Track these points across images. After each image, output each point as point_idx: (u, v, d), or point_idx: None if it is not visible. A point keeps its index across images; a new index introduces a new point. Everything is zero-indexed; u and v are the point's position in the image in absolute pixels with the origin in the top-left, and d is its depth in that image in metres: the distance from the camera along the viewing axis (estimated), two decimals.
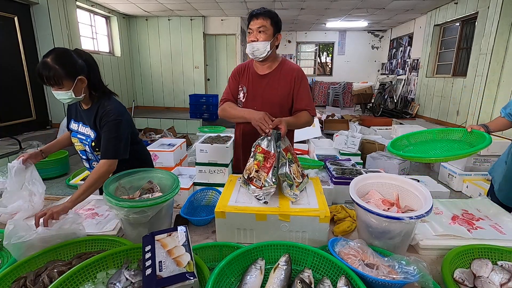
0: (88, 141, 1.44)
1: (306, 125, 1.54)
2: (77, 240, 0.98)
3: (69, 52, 1.31)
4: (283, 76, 1.53)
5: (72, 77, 1.28)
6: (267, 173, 1.10)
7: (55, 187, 3.65)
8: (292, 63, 1.60)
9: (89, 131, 1.44)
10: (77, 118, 1.50)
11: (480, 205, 1.28)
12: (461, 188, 3.64)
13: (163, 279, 0.68)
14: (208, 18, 7.70)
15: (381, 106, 7.77)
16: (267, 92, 1.53)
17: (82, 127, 1.47)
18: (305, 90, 1.54)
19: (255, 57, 1.48)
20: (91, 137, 1.43)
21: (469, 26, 5.76)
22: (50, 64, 1.23)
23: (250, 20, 1.46)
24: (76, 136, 1.49)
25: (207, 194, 1.44)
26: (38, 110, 5.00)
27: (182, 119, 6.86)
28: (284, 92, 1.52)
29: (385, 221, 0.88)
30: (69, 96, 1.30)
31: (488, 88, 4.66)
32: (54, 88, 1.28)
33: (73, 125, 1.51)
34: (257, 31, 1.43)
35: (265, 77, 1.54)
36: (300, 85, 1.52)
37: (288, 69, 1.54)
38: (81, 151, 1.52)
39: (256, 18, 1.43)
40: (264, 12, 1.44)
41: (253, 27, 1.44)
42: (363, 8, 6.61)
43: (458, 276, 0.85)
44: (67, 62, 1.27)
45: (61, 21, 5.22)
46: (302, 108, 1.52)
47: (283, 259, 0.82)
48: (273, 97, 1.53)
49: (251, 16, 1.45)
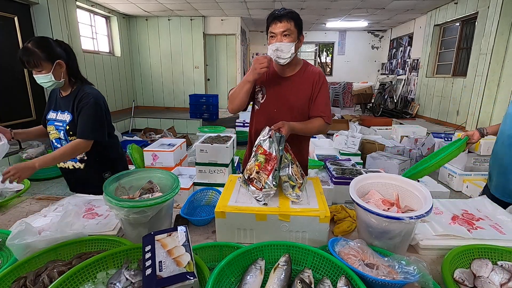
0: (64, 126, 1.49)
1: (318, 132, 1.49)
2: (77, 240, 0.97)
3: (48, 38, 1.42)
4: (305, 79, 1.46)
5: (51, 60, 1.38)
6: (268, 175, 1.10)
7: (55, 187, 3.65)
8: (314, 66, 1.54)
9: (66, 115, 1.50)
10: (56, 107, 1.57)
11: (480, 205, 1.28)
12: (461, 188, 3.64)
13: (163, 279, 0.68)
14: (208, 18, 7.70)
15: (381, 106, 7.77)
16: (289, 95, 1.46)
17: (60, 115, 1.54)
18: (324, 95, 1.47)
19: (278, 60, 1.37)
20: (67, 121, 1.49)
21: (469, 26, 5.77)
22: (30, 48, 1.34)
23: (271, 22, 1.35)
24: (52, 124, 1.55)
25: (207, 194, 1.43)
26: (38, 110, 5.00)
27: (182, 119, 6.86)
28: (306, 95, 1.46)
29: (385, 221, 0.88)
30: (49, 79, 1.40)
31: (488, 88, 4.67)
32: (35, 72, 1.38)
33: (51, 114, 1.57)
34: (282, 35, 1.33)
35: (288, 80, 1.47)
36: (319, 90, 1.46)
37: (311, 72, 1.47)
38: (56, 139, 1.55)
39: (280, 21, 1.32)
40: (287, 13, 1.34)
41: (277, 31, 1.33)
42: (363, 8, 6.61)
43: (458, 276, 0.85)
44: (45, 46, 1.38)
45: (61, 21, 5.22)
46: (317, 115, 1.46)
47: (283, 259, 0.82)
48: (295, 101, 1.46)
49: (273, 18, 1.34)
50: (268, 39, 1.40)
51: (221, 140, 2.89)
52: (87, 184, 1.64)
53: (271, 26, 1.36)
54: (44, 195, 1.54)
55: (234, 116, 6.92)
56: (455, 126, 5.68)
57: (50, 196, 1.54)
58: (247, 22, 8.50)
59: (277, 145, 1.16)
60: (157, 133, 5.70)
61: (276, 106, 1.48)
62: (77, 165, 1.61)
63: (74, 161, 1.60)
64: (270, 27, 1.37)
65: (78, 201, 1.34)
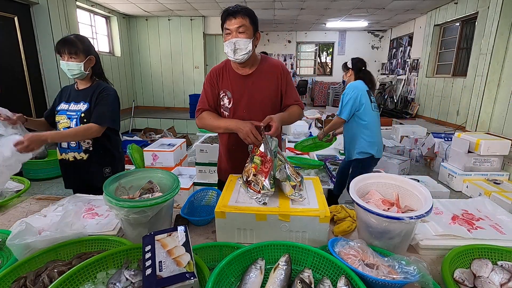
0: (78, 114, 1.59)
1: (298, 118, 1.50)
2: (77, 240, 0.97)
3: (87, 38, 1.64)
4: (267, 73, 1.45)
5: (86, 53, 1.56)
6: (265, 177, 1.10)
7: (55, 187, 3.65)
8: (272, 59, 1.53)
9: (81, 105, 1.61)
10: (68, 99, 1.65)
11: (480, 205, 1.28)
12: (461, 188, 3.64)
13: (163, 279, 0.68)
14: (208, 18, 7.69)
15: (381, 106, 7.77)
16: (254, 92, 1.44)
17: (73, 105, 1.62)
18: (291, 84, 1.50)
19: (236, 57, 1.34)
20: (82, 109, 1.59)
21: (469, 26, 5.76)
22: (72, 38, 1.55)
23: (225, 19, 1.33)
24: (64, 114, 1.61)
25: (207, 194, 1.43)
26: (38, 110, 4.99)
27: (182, 119, 6.86)
28: (272, 89, 1.46)
29: (385, 221, 0.88)
30: (79, 68, 1.55)
31: (488, 88, 4.66)
32: (68, 58, 1.52)
33: (63, 105, 1.64)
34: (237, 31, 1.32)
35: (249, 77, 1.45)
36: (286, 80, 1.48)
37: (271, 65, 1.47)
38: (64, 128, 1.60)
39: (234, 17, 1.31)
40: (241, 9, 1.32)
41: (231, 27, 1.31)
42: (363, 8, 6.61)
43: (458, 276, 0.85)
44: (85, 40, 1.59)
45: (61, 21, 5.22)
46: (291, 103, 1.49)
47: (283, 259, 0.82)
48: (262, 96, 1.45)
49: (227, 14, 1.32)
50: (224, 36, 1.37)
51: None
52: (86, 179, 1.67)
53: (225, 22, 1.33)
54: (44, 195, 1.54)
55: None
56: (455, 126, 5.68)
57: (50, 196, 1.54)
58: None
59: (269, 148, 1.16)
60: (157, 133, 5.70)
61: (245, 108, 1.45)
62: (79, 156, 1.63)
63: (79, 151, 1.63)
64: (225, 24, 1.34)
65: (78, 201, 1.34)
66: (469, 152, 3.61)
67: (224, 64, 1.50)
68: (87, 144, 1.62)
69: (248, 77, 1.45)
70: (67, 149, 1.64)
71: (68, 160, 1.65)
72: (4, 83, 4.41)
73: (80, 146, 1.62)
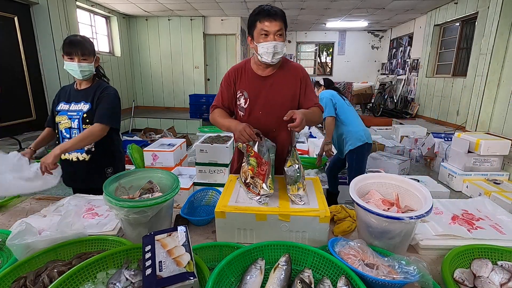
0: (80, 115, 1.60)
1: (319, 120, 1.47)
2: (77, 240, 0.97)
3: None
4: (288, 76, 1.43)
5: (93, 54, 1.61)
6: (262, 180, 1.10)
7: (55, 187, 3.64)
8: (293, 62, 1.52)
9: (83, 105, 1.62)
10: (69, 99, 1.65)
11: (480, 205, 1.28)
12: (461, 188, 3.64)
13: (163, 279, 0.68)
14: (208, 18, 7.69)
15: (381, 106, 7.76)
16: (272, 94, 1.42)
17: (74, 105, 1.63)
18: (311, 88, 1.48)
19: (273, 60, 1.32)
20: (84, 110, 1.60)
21: (469, 26, 5.76)
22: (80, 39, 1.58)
23: (263, 18, 1.27)
24: (65, 114, 1.62)
25: (207, 194, 1.43)
26: (38, 110, 4.99)
27: (182, 119, 6.86)
28: (291, 92, 1.43)
29: (385, 221, 0.88)
30: (90, 68, 1.59)
31: (488, 88, 4.66)
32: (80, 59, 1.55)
33: (63, 106, 1.64)
34: (275, 34, 1.27)
35: (269, 79, 1.42)
36: (306, 84, 1.45)
37: (292, 68, 1.45)
38: (66, 129, 1.62)
39: (274, 19, 1.26)
40: (280, 12, 1.29)
41: (271, 29, 1.26)
42: (363, 8, 6.61)
43: (458, 276, 0.85)
44: (90, 41, 1.63)
45: (61, 21, 5.22)
46: (312, 105, 1.44)
47: (283, 259, 0.82)
48: (280, 98, 1.42)
49: (266, 14, 1.26)
50: (257, 36, 1.31)
51: (221, 140, 2.89)
52: (87, 179, 1.67)
53: (263, 22, 1.28)
54: (44, 195, 1.54)
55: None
56: (455, 126, 5.68)
57: (50, 196, 1.54)
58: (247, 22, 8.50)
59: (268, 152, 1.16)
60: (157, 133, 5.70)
61: (261, 108, 1.43)
62: (82, 156, 1.64)
63: (81, 152, 1.64)
64: (261, 24, 1.28)
65: (78, 201, 1.34)
66: (469, 152, 3.61)
67: (243, 63, 1.47)
68: (89, 145, 1.62)
69: (267, 78, 1.43)
70: None
71: (71, 160, 1.65)
72: (4, 83, 4.41)
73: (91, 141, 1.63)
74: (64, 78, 5.14)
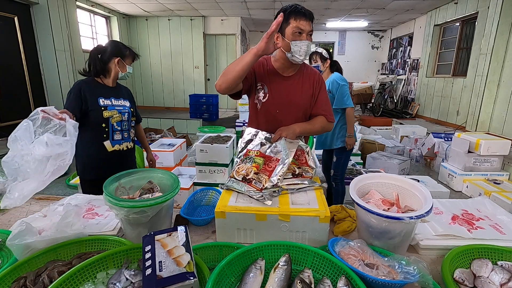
0: (127, 109, 1.77)
1: (323, 131, 1.49)
2: (77, 240, 0.97)
3: None
4: (306, 79, 1.46)
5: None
6: (269, 176, 1.13)
7: (55, 187, 3.65)
8: (311, 67, 1.54)
9: (124, 101, 1.78)
10: (106, 95, 1.71)
11: (480, 205, 1.28)
12: (461, 188, 3.64)
13: (163, 279, 0.68)
14: (208, 18, 7.70)
15: (381, 106, 7.77)
16: (292, 94, 1.44)
17: (115, 101, 1.74)
18: (324, 95, 1.49)
19: (300, 59, 1.32)
20: (127, 106, 1.79)
21: (469, 26, 5.77)
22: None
23: (297, 16, 1.27)
24: (114, 109, 1.71)
25: (207, 194, 1.44)
26: None
27: (182, 119, 6.86)
28: (308, 95, 1.46)
29: (385, 221, 0.88)
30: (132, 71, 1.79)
31: (488, 88, 4.67)
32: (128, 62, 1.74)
33: (105, 101, 1.70)
34: (308, 34, 1.29)
35: (289, 79, 1.44)
36: (320, 89, 1.47)
37: (310, 72, 1.48)
38: (117, 122, 1.72)
39: (308, 19, 1.28)
40: (312, 14, 1.31)
41: (306, 28, 1.28)
42: (363, 8, 6.61)
43: (458, 276, 0.85)
44: None
45: (61, 21, 5.22)
46: (319, 113, 1.47)
47: (283, 259, 0.82)
48: (299, 100, 1.45)
49: (301, 13, 1.27)
50: (290, 34, 1.28)
51: (221, 140, 2.89)
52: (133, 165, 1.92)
53: (298, 20, 1.26)
54: (44, 195, 1.53)
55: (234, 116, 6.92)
56: (455, 126, 5.68)
57: (50, 196, 1.54)
58: (247, 22, 8.50)
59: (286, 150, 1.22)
60: (157, 133, 5.69)
61: (278, 107, 1.45)
62: (130, 145, 1.83)
63: (129, 141, 1.82)
64: (296, 22, 1.26)
65: (78, 201, 1.34)
66: (469, 152, 3.61)
67: (265, 59, 1.45)
68: (132, 134, 1.84)
69: (288, 78, 1.44)
70: (121, 140, 1.76)
71: (122, 150, 1.77)
72: (4, 83, 4.41)
73: (130, 135, 1.82)
74: (64, 78, 5.14)
